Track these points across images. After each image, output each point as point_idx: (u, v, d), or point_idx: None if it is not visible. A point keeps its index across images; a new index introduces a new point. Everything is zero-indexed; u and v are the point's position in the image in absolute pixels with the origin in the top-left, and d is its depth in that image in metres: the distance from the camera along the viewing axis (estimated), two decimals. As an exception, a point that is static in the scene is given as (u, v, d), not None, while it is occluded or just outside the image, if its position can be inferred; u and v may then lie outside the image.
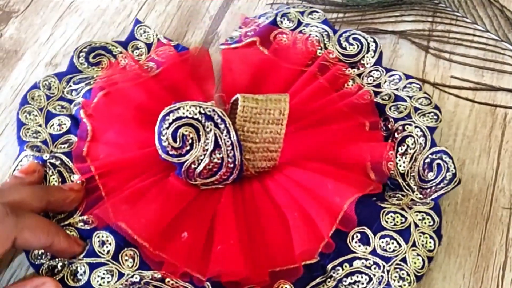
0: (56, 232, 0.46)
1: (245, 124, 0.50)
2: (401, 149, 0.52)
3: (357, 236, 0.47)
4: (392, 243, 0.46)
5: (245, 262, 0.45)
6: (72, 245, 0.46)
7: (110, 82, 0.55)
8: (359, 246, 0.47)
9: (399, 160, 0.51)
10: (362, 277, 0.46)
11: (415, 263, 0.46)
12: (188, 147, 0.49)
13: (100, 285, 0.45)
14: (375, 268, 0.46)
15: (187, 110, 0.48)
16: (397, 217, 0.47)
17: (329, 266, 0.47)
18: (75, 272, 0.46)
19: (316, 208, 0.47)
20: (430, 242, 0.47)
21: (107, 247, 0.47)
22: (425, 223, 0.47)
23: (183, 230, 0.47)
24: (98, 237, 0.47)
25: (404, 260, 0.46)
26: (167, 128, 0.48)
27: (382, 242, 0.46)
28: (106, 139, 0.53)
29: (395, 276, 0.45)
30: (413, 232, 0.47)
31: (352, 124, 0.53)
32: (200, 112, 0.48)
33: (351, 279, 0.46)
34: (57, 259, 0.47)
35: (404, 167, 0.51)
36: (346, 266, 0.46)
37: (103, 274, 0.46)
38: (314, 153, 0.52)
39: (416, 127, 0.52)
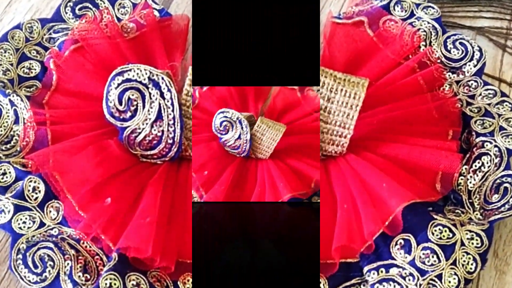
0: None
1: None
2: (475, 166, 0.49)
3: (400, 243, 0.46)
4: (432, 256, 0.45)
5: (155, 244, 0.45)
6: None
7: (85, 37, 0.55)
8: (400, 253, 0.46)
9: (470, 177, 0.49)
10: (394, 286, 0.45)
11: (449, 282, 0.44)
12: (131, 113, 0.49)
13: (20, 228, 0.47)
14: (409, 280, 0.45)
15: (137, 74, 0.49)
16: (445, 231, 0.46)
17: (366, 269, 0.46)
18: (1, 210, 0.48)
19: (368, 206, 0.47)
20: (471, 264, 0.45)
21: (36, 193, 0.48)
22: (472, 243, 0.45)
23: (109, 195, 0.48)
24: (31, 181, 0.49)
25: (439, 276, 0.44)
26: (115, 88, 0.49)
27: (423, 253, 0.45)
28: (67, 90, 0.54)
29: None
30: (457, 249, 0.45)
31: (437, 130, 0.52)
32: (149, 78, 0.49)
33: (384, 286, 0.45)
34: None
35: (473, 184, 0.49)
36: (382, 271, 0.45)
37: (26, 218, 0.48)
38: (387, 148, 0.51)
39: (495, 146, 0.50)
